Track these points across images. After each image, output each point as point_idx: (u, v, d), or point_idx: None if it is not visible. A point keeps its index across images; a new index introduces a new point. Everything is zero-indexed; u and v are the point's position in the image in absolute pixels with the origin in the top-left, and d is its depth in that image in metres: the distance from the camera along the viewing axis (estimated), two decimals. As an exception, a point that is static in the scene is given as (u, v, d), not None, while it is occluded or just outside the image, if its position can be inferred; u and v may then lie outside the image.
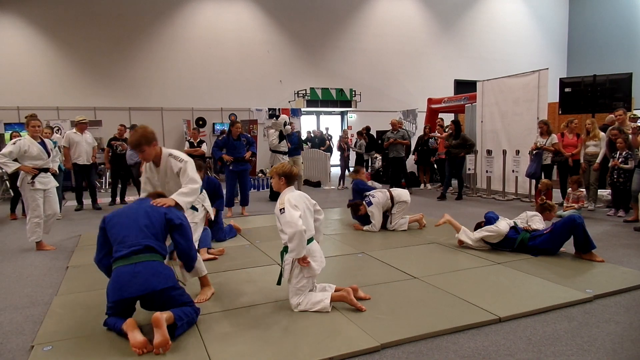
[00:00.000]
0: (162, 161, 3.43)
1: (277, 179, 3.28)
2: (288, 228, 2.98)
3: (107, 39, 13.51)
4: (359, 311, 3.08)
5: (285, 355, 2.52)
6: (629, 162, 6.32)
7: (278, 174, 3.27)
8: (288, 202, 3.08)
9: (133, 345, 2.53)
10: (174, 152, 3.45)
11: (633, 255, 4.52)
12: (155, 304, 2.74)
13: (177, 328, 2.68)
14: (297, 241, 2.97)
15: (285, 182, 3.25)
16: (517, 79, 8.65)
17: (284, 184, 3.25)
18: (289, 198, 3.12)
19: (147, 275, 2.69)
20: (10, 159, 4.83)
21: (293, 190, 3.26)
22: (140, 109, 13.65)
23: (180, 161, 3.38)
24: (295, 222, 2.96)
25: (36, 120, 5.06)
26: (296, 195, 3.19)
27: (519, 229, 4.59)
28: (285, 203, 3.07)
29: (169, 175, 3.43)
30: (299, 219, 2.99)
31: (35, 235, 5.01)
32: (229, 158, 7.08)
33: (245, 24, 15.20)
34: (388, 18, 17.33)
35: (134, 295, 2.70)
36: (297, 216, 2.99)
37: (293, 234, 2.96)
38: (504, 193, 8.63)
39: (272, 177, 3.35)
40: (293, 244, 2.99)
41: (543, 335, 2.75)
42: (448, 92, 13.58)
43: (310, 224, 3.20)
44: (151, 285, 2.68)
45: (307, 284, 3.15)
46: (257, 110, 14.64)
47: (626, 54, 17.89)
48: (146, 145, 3.30)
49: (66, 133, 8.04)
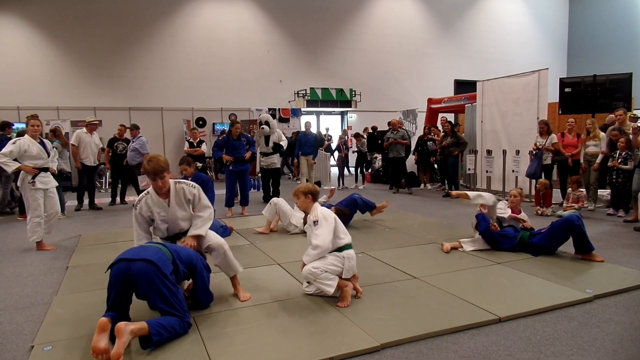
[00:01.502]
0: (172, 191, 3.22)
1: (303, 197, 3.44)
2: (316, 240, 3.22)
3: (107, 39, 13.50)
4: (359, 310, 3.08)
5: (285, 355, 2.52)
6: (628, 162, 6.32)
7: (304, 193, 3.44)
8: (322, 216, 3.30)
9: (92, 349, 2.40)
10: (179, 180, 3.35)
11: (633, 255, 4.52)
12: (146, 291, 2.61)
13: (152, 343, 2.54)
14: (317, 253, 3.21)
15: (312, 199, 3.45)
16: (517, 79, 8.65)
17: (311, 201, 3.44)
18: (322, 212, 3.32)
19: (148, 251, 2.71)
20: (10, 159, 4.84)
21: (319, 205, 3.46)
22: (140, 109, 13.65)
23: (192, 187, 3.28)
24: (325, 238, 3.21)
25: (36, 120, 5.07)
26: (325, 210, 3.37)
27: (518, 228, 4.62)
28: (319, 217, 3.29)
29: (179, 205, 3.23)
30: (329, 235, 3.23)
31: (36, 235, 5.01)
32: (229, 158, 7.07)
33: (245, 24, 15.19)
34: (388, 18, 17.33)
35: (125, 257, 2.67)
36: (328, 233, 3.23)
37: (318, 246, 3.20)
38: (504, 193, 8.63)
39: (297, 198, 3.47)
40: (314, 252, 3.21)
41: (543, 335, 2.75)
42: (448, 92, 13.59)
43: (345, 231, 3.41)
44: (144, 254, 2.65)
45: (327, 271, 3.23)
46: (257, 110, 14.63)
47: (626, 54, 17.88)
48: (167, 172, 3.14)
49: (76, 132, 7.99)
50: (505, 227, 4.69)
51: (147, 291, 2.63)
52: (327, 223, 3.27)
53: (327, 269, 3.21)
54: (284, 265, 4.30)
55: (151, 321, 2.57)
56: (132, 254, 2.72)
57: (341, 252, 3.32)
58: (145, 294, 2.64)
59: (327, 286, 3.20)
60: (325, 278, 3.20)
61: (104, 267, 4.29)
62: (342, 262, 3.28)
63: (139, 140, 8.17)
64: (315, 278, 3.20)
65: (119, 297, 2.69)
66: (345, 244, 3.35)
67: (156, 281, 2.62)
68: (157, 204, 3.22)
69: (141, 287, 2.63)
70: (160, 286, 2.63)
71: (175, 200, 3.22)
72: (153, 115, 13.76)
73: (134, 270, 2.62)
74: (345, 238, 3.37)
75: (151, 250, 2.74)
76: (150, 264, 2.63)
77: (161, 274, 2.64)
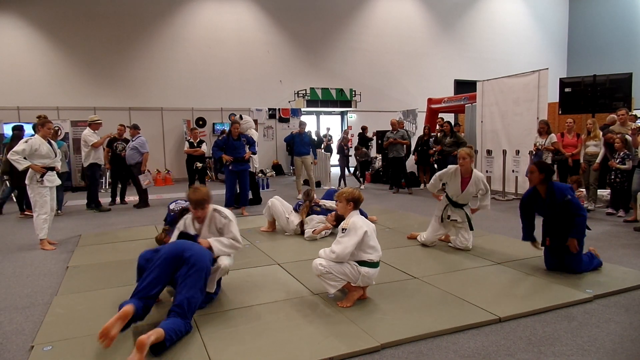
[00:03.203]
0: (207, 217, 3.43)
1: (344, 203, 3.38)
2: (337, 247, 3.16)
3: (107, 39, 13.49)
4: (359, 310, 3.08)
5: (285, 355, 2.52)
6: (626, 162, 6.32)
7: (347, 199, 3.37)
8: (354, 226, 3.21)
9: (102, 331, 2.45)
10: (217, 207, 3.48)
11: (633, 255, 4.52)
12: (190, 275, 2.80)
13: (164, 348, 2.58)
14: (333, 258, 3.16)
15: (353, 206, 3.37)
16: (517, 79, 8.65)
17: (352, 208, 3.37)
18: (355, 223, 3.23)
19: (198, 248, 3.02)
20: (22, 157, 5.01)
21: (359, 214, 3.37)
22: (140, 109, 13.64)
23: (224, 217, 3.43)
24: (345, 247, 3.14)
25: (50, 122, 5.40)
26: (362, 221, 3.28)
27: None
28: (349, 225, 3.21)
29: (211, 230, 3.44)
30: (352, 247, 3.14)
31: (43, 232, 5.14)
32: (229, 158, 7.07)
33: (245, 24, 15.19)
34: (388, 18, 17.32)
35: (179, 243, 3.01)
36: (352, 245, 3.14)
37: (335, 253, 3.15)
38: (504, 193, 8.63)
39: (339, 201, 3.42)
40: (332, 256, 3.16)
41: (543, 335, 2.75)
42: (448, 92, 13.59)
43: (377, 244, 3.32)
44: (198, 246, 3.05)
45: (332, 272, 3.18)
46: (257, 110, 14.64)
47: (626, 54, 17.88)
48: (208, 203, 3.39)
49: (84, 133, 8.01)
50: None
51: (191, 275, 2.79)
52: (355, 235, 3.16)
53: (334, 271, 3.16)
54: (284, 265, 4.30)
55: (165, 327, 2.58)
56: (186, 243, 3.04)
57: (361, 267, 3.20)
58: (186, 276, 2.79)
59: (329, 286, 3.19)
60: (329, 278, 3.18)
61: (104, 267, 4.33)
62: (355, 275, 3.19)
63: (138, 140, 8.17)
64: (320, 274, 3.20)
65: (159, 279, 2.79)
66: (369, 260, 3.22)
67: (204, 269, 2.90)
68: (192, 226, 3.49)
69: (189, 267, 2.81)
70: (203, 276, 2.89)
71: (207, 226, 3.45)
72: (153, 115, 13.75)
73: (193, 250, 2.93)
74: (372, 254, 3.24)
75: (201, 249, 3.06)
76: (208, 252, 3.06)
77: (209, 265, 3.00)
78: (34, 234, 5.25)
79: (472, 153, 4.77)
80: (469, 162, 4.68)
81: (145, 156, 8.07)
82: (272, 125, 14.95)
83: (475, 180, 4.67)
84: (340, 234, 3.22)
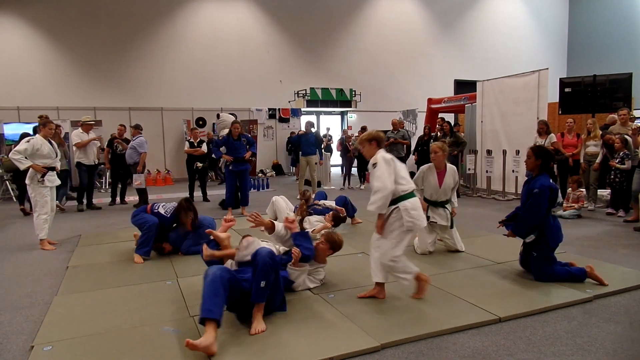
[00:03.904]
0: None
1: (367, 145, 3.34)
2: (376, 182, 3.11)
3: (107, 39, 13.50)
4: (359, 310, 3.08)
5: (285, 355, 2.52)
6: (626, 162, 6.32)
7: (369, 140, 3.34)
8: (383, 159, 3.18)
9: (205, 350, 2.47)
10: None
11: (633, 255, 4.52)
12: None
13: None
14: (381, 196, 3.09)
15: (377, 144, 3.32)
16: (517, 79, 8.65)
17: (375, 147, 3.32)
18: (383, 156, 3.21)
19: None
20: (23, 156, 5.02)
21: (384, 151, 3.32)
22: (140, 109, 13.64)
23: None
24: (385, 178, 3.10)
25: (52, 122, 5.41)
26: (388, 156, 3.24)
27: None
28: (379, 160, 3.18)
29: None
30: (390, 176, 3.11)
31: (43, 231, 5.15)
32: (229, 158, 7.07)
33: (245, 24, 15.19)
34: (388, 18, 17.32)
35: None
36: (388, 174, 3.11)
37: (379, 188, 3.10)
38: (504, 193, 8.63)
39: (362, 147, 3.37)
40: (376, 197, 3.11)
41: (543, 335, 2.75)
42: (448, 92, 13.57)
43: (407, 175, 3.28)
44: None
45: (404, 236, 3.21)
46: (257, 110, 14.64)
47: (626, 54, 17.88)
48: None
49: (73, 133, 8.06)
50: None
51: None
52: (387, 164, 3.15)
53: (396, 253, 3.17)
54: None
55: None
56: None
57: (397, 204, 3.17)
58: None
59: (403, 279, 3.25)
60: (403, 271, 3.23)
61: (104, 267, 4.33)
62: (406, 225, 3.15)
63: (137, 140, 8.17)
64: (393, 270, 3.23)
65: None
66: (403, 193, 3.18)
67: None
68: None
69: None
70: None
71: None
72: (153, 115, 13.75)
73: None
74: (406, 185, 3.21)
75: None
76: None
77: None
78: (34, 234, 5.25)
79: (444, 147, 4.60)
80: (442, 157, 4.56)
81: (142, 156, 8.07)
82: (272, 125, 14.96)
83: (452, 172, 4.63)
84: (372, 171, 3.20)
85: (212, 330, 2.51)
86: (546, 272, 3.65)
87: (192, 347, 2.41)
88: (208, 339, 2.46)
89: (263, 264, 2.81)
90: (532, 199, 3.62)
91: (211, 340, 2.47)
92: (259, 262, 2.83)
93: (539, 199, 3.59)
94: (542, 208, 3.59)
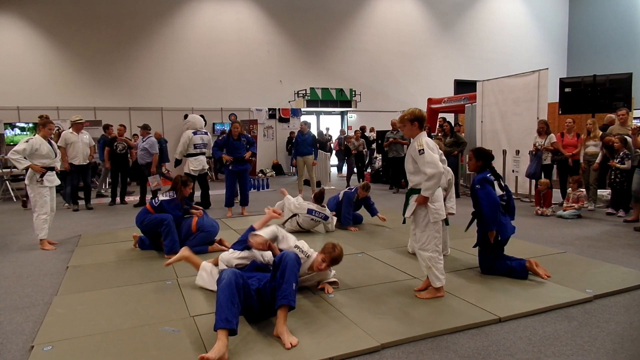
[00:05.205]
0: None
1: (409, 125, 3.29)
2: (429, 168, 3.11)
3: (107, 39, 13.50)
4: (358, 310, 3.08)
5: (285, 355, 2.52)
6: (626, 162, 6.32)
7: (410, 120, 3.29)
8: (427, 144, 3.18)
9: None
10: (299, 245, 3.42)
11: (633, 255, 4.52)
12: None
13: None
14: (436, 180, 3.13)
15: (418, 126, 3.29)
16: (517, 79, 8.64)
17: (417, 128, 3.29)
18: (426, 141, 3.21)
19: None
20: (22, 156, 5.01)
21: (425, 134, 3.31)
22: (140, 109, 13.65)
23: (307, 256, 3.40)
24: (436, 163, 3.13)
25: (52, 122, 5.39)
26: (430, 141, 3.24)
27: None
28: (424, 145, 3.17)
29: None
30: (438, 159, 3.14)
31: (43, 232, 5.14)
32: (229, 158, 7.07)
33: (245, 24, 15.19)
34: (388, 18, 17.33)
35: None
36: (437, 158, 3.14)
37: (433, 174, 3.11)
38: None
39: (404, 125, 3.31)
40: (431, 183, 3.12)
41: (543, 335, 2.75)
42: (448, 92, 13.57)
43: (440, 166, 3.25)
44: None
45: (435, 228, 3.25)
46: (257, 110, 14.64)
47: (626, 54, 17.89)
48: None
49: (62, 133, 8.01)
50: None
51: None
52: (433, 151, 3.18)
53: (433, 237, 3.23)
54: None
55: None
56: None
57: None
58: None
59: (437, 279, 3.29)
60: (440, 272, 3.28)
61: (104, 267, 4.33)
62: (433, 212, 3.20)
63: (148, 140, 8.15)
64: (431, 264, 3.27)
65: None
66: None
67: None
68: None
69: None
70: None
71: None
72: (153, 115, 13.75)
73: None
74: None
75: None
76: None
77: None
78: (34, 234, 5.25)
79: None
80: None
81: (154, 157, 8.06)
82: (272, 125, 14.96)
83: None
84: (419, 157, 3.17)
85: (224, 338, 2.48)
86: (488, 266, 3.84)
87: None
88: (221, 350, 2.42)
89: (292, 265, 2.81)
90: (479, 193, 3.74)
91: (224, 350, 2.44)
92: (287, 263, 2.81)
93: (483, 190, 3.73)
94: (492, 195, 3.70)
